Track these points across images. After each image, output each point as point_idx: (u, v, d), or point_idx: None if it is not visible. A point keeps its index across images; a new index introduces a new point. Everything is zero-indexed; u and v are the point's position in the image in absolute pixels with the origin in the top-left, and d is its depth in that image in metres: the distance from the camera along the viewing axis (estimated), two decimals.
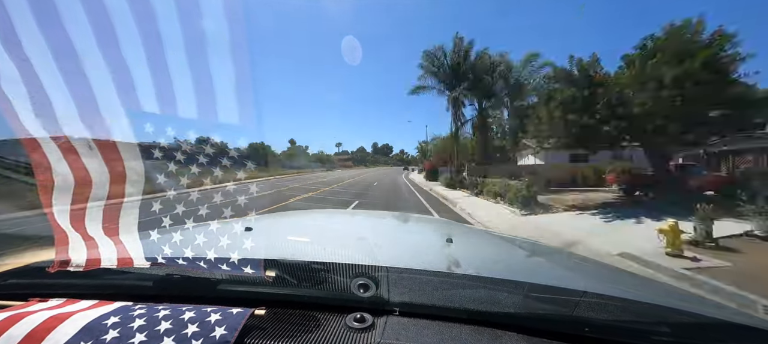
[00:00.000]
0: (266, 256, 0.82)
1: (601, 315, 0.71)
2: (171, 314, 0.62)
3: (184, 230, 0.86)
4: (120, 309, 0.64)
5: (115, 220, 0.84)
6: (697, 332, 0.72)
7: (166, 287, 0.83)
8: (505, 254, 1.40)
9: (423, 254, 1.20)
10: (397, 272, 0.82)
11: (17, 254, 0.97)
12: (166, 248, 0.82)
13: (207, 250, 0.81)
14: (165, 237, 0.87)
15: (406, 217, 2.22)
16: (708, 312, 0.80)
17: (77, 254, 0.79)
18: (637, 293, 0.96)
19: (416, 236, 1.67)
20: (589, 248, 5.19)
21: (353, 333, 0.66)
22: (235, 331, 0.59)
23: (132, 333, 0.58)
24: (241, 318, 0.62)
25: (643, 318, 0.74)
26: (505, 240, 1.74)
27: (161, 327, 0.59)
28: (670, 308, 0.78)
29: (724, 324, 0.74)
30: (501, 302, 0.75)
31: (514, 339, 0.66)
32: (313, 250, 1.20)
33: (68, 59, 0.72)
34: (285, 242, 1.33)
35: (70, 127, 0.75)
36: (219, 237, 0.84)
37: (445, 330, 0.68)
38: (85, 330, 0.57)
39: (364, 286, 0.75)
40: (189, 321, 0.61)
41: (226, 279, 0.82)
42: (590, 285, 0.99)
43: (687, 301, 0.98)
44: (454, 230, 1.69)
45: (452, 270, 0.95)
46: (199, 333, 0.58)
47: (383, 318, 0.71)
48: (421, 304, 0.74)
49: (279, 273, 0.81)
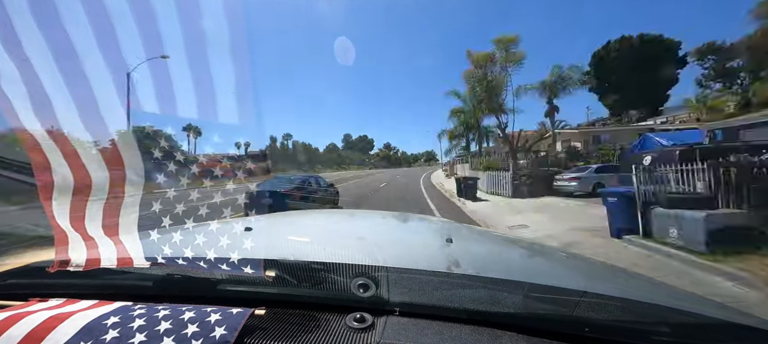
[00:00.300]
0: (266, 256, 0.82)
1: (601, 315, 0.71)
2: (171, 314, 0.62)
3: (184, 230, 0.86)
4: (120, 309, 0.64)
5: (115, 219, 0.84)
6: (697, 332, 0.72)
7: (165, 287, 0.83)
8: (505, 254, 1.40)
9: (423, 254, 1.20)
10: (397, 272, 0.82)
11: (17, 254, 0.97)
12: (166, 248, 0.82)
13: (207, 250, 0.81)
14: (165, 237, 0.87)
15: (406, 217, 2.22)
16: (708, 312, 0.80)
17: (77, 254, 0.79)
18: (637, 293, 0.96)
19: (416, 236, 1.67)
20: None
21: (353, 332, 0.66)
22: (235, 331, 0.59)
23: (132, 333, 0.58)
24: (241, 318, 0.62)
25: (643, 318, 0.74)
26: (505, 240, 1.74)
27: (161, 327, 0.59)
28: (670, 308, 0.78)
29: (724, 324, 0.74)
30: (501, 302, 0.75)
31: (514, 339, 0.66)
32: (313, 250, 1.20)
33: (68, 59, 0.72)
34: (285, 242, 1.33)
35: (70, 127, 0.75)
36: (219, 237, 0.84)
37: (445, 330, 0.68)
38: (85, 330, 0.57)
39: (364, 286, 0.75)
40: (189, 321, 0.60)
41: (225, 278, 0.82)
42: (590, 285, 0.99)
43: (687, 301, 0.98)
44: (454, 230, 1.69)
45: (452, 270, 0.95)
46: (199, 333, 0.58)
47: (383, 318, 0.71)
48: (421, 304, 0.74)
49: (279, 272, 0.81)
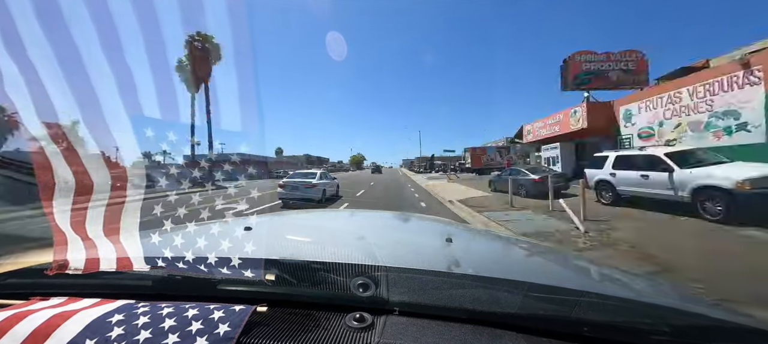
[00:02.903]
0: (266, 256, 0.82)
1: (601, 315, 0.71)
2: (174, 311, 0.62)
3: (184, 231, 0.87)
4: (123, 307, 0.64)
5: (116, 222, 0.85)
6: (697, 332, 0.72)
7: (167, 286, 0.83)
8: (505, 254, 1.40)
9: (423, 254, 1.21)
10: (396, 271, 0.82)
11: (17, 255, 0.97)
12: (166, 250, 0.83)
13: (207, 251, 0.81)
14: (164, 239, 0.87)
15: (406, 217, 2.22)
16: (708, 312, 0.80)
17: (76, 257, 0.80)
18: (636, 293, 0.96)
19: (416, 235, 1.67)
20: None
21: (353, 332, 0.66)
22: (239, 328, 0.59)
23: (136, 330, 0.58)
24: (244, 315, 0.63)
25: (643, 318, 0.74)
26: (505, 240, 1.74)
27: (166, 324, 0.59)
28: (670, 308, 0.78)
29: (724, 324, 0.74)
30: (501, 302, 0.75)
31: (514, 338, 0.66)
32: (312, 250, 1.20)
33: (71, 64, 0.72)
34: (285, 242, 1.33)
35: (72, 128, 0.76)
36: (219, 238, 0.84)
37: (444, 330, 0.68)
38: (90, 328, 0.58)
39: (364, 285, 0.76)
40: (193, 318, 0.61)
41: (226, 278, 0.82)
42: (590, 285, 0.99)
43: (687, 301, 0.98)
44: (454, 230, 1.69)
45: (452, 270, 0.95)
46: (203, 329, 0.59)
47: (383, 317, 0.71)
48: (421, 304, 0.74)
49: (279, 272, 0.81)
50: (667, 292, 1.11)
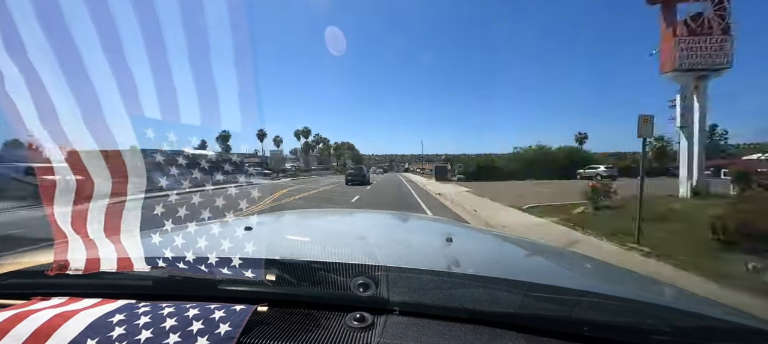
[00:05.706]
0: (267, 256, 0.82)
1: (601, 315, 0.71)
2: (176, 311, 0.63)
3: (185, 231, 0.87)
4: (124, 307, 0.64)
5: (116, 224, 0.85)
6: (697, 332, 0.72)
7: (167, 287, 0.83)
8: (505, 254, 1.40)
9: (423, 254, 1.21)
10: (396, 271, 0.82)
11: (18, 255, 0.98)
12: (166, 250, 0.83)
13: (208, 251, 0.81)
14: (165, 239, 0.87)
15: (406, 216, 2.23)
16: (709, 312, 0.80)
17: (77, 257, 0.80)
18: (637, 293, 0.96)
19: (416, 235, 1.68)
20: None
21: (353, 332, 0.66)
22: (240, 328, 0.60)
23: (138, 329, 0.58)
24: (245, 314, 0.63)
25: (643, 318, 0.74)
26: (506, 239, 1.74)
27: (167, 324, 0.59)
28: (671, 308, 0.78)
29: (724, 324, 0.74)
30: (501, 301, 0.75)
31: (514, 338, 0.66)
32: (313, 249, 1.20)
33: (71, 64, 0.72)
34: (285, 242, 1.33)
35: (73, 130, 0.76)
36: (219, 238, 0.84)
37: (444, 330, 0.68)
38: (91, 328, 0.58)
39: (364, 285, 0.76)
40: (194, 318, 0.61)
41: (227, 278, 0.82)
42: (590, 285, 0.99)
43: (687, 301, 0.98)
44: (454, 230, 1.69)
45: (452, 270, 0.96)
46: (204, 329, 0.59)
47: (383, 317, 0.71)
48: (421, 303, 0.74)
49: (279, 272, 0.81)
50: (668, 292, 1.11)
